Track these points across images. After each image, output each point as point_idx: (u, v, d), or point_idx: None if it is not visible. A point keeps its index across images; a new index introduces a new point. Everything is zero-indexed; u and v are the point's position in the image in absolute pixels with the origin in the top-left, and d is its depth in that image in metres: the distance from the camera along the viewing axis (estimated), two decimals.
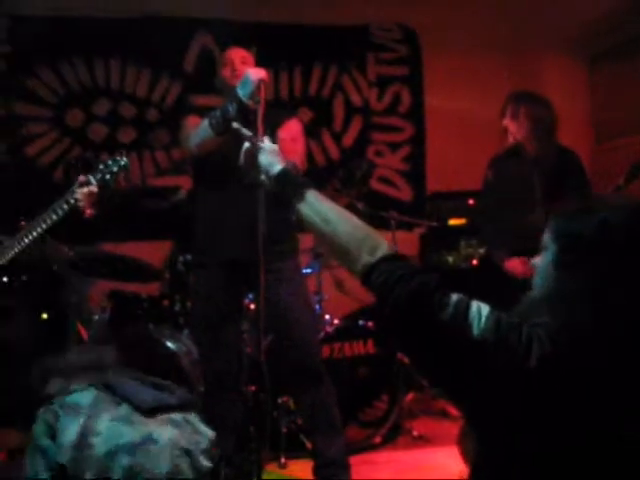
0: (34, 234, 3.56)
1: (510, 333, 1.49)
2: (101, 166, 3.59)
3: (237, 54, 3.60)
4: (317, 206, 1.80)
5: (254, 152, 2.02)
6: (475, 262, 5.40)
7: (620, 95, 6.08)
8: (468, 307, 1.52)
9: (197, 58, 5.85)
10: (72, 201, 3.52)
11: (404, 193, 6.28)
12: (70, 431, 2.26)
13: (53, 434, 2.27)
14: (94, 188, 3.54)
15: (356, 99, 6.22)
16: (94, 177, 3.56)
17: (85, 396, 2.38)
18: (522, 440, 1.50)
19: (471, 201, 5.54)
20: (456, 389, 1.58)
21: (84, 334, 4.33)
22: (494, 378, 1.49)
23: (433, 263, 5.58)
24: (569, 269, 1.56)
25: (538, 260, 1.66)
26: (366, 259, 1.66)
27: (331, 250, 1.80)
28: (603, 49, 6.30)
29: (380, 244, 1.68)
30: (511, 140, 4.19)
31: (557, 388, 1.46)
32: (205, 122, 3.33)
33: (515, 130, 4.15)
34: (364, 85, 6.23)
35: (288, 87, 6.04)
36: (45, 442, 2.26)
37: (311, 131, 3.79)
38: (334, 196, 4.38)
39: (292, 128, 3.63)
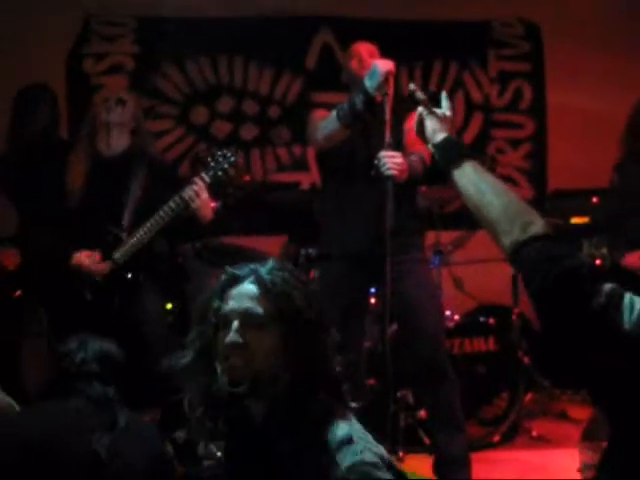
0: (151, 230, 3.68)
1: None
2: (212, 163, 3.69)
3: (364, 47, 3.64)
4: (474, 176, 1.76)
5: (424, 117, 1.98)
6: (598, 262, 5.26)
7: None
8: (621, 298, 1.46)
9: (318, 55, 5.89)
10: (186, 197, 3.62)
11: (525, 191, 6.15)
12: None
13: None
14: (203, 190, 3.62)
15: (476, 96, 6.14)
16: (207, 174, 3.67)
17: None
18: None
19: (595, 199, 5.39)
20: (598, 381, 1.54)
21: None
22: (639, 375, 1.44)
23: None
24: None
25: None
26: (517, 235, 1.60)
27: (482, 221, 1.72)
28: None
29: (534, 221, 1.61)
30: None
31: None
32: (333, 114, 3.38)
33: None
34: (485, 81, 6.14)
35: (409, 83, 6.01)
36: None
37: None
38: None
39: None
